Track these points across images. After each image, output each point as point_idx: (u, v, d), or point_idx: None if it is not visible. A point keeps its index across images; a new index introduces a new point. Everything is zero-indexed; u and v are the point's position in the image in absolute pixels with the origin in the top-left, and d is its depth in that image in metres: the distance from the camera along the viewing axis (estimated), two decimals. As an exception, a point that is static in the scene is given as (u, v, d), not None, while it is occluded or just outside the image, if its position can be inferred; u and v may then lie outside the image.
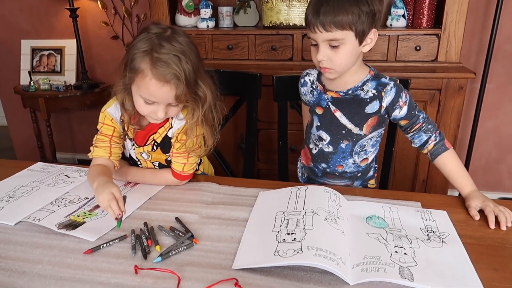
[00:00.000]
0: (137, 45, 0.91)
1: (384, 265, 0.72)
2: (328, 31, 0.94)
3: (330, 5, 0.92)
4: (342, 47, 0.96)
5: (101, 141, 1.04)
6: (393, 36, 1.87)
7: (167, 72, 0.88)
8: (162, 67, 0.88)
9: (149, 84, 0.90)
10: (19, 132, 2.95)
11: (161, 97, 0.92)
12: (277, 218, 0.86)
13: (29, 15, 2.59)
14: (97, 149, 1.04)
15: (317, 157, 1.15)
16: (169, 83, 0.90)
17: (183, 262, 0.76)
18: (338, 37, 0.94)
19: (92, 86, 2.46)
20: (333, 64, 0.98)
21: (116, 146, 1.05)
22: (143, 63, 0.89)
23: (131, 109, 1.01)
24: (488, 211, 0.89)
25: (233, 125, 1.98)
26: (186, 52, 0.91)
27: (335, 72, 1.00)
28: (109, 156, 1.03)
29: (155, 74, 0.89)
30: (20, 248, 0.81)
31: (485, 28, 2.05)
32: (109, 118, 1.04)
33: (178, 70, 0.89)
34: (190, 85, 0.92)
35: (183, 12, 2.16)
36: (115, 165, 1.04)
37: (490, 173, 2.31)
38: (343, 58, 0.97)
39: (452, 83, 1.76)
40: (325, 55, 0.97)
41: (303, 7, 1.93)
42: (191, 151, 1.03)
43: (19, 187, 1.06)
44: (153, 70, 0.89)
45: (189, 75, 0.91)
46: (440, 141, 1.04)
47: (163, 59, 0.88)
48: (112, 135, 1.04)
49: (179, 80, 0.89)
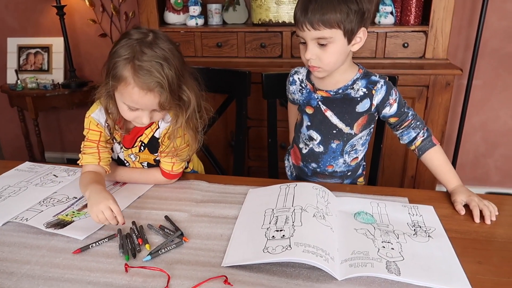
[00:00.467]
0: (119, 51, 0.89)
1: (371, 260, 0.73)
2: (316, 29, 0.94)
3: (319, 3, 0.92)
4: (331, 46, 0.96)
5: (89, 147, 1.03)
6: (381, 33, 1.88)
7: (150, 80, 0.87)
8: (144, 75, 0.87)
9: (132, 92, 0.89)
10: (7, 132, 2.92)
11: (144, 104, 0.91)
12: (266, 215, 0.86)
13: (15, 13, 2.56)
14: (85, 156, 1.03)
15: (307, 157, 1.15)
16: (152, 91, 0.88)
17: (172, 260, 0.76)
18: (326, 36, 0.95)
19: (80, 85, 2.44)
20: (321, 62, 0.98)
21: (105, 151, 1.04)
22: (125, 71, 0.88)
23: (115, 114, 0.99)
24: (473, 205, 0.90)
25: (223, 122, 1.98)
26: (169, 58, 0.90)
27: (324, 71, 1.00)
28: (99, 161, 1.02)
29: (138, 83, 0.87)
30: (7, 248, 0.80)
31: (472, 25, 2.08)
32: (94, 123, 1.03)
33: (161, 78, 0.87)
34: (173, 91, 0.91)
35: (171, 9, 2.14)
36: (106, 170, 1.03)
37: (477, 168, 2.34)
38: (332, 56, 0.97)
39: (440, 79, 1.78)
40: (314, 54, 0.97)
41: (292, 4, 1.93)
42: (179, 151, 1.02)
43: (6, 187, 1.05)
44: (136, 78, 0.87)
45: (173, 81, 0.90)
46: (427, 137, 1.05)
47: (145, 67, 0.87)
48: (99, 140, 1.03)
49: (163, 87, 0.88)
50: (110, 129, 1.03)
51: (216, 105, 1.47)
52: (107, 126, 1.03)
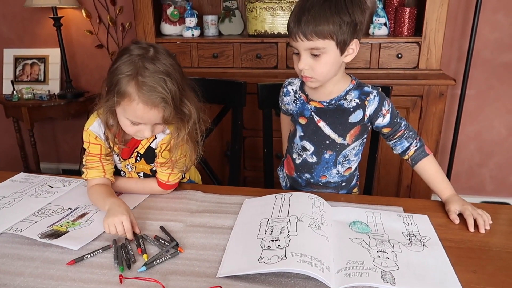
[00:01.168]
0: (121, 68, 0.90)
1: (367, 270, 0.73)
2: (309, 39, 0.95)
3: (312, 15, 0.93)
4: (323, 56, 0.97)
5: (92, 162, 1.04)
6: (375, 44, 1.91)
7: (154, 96, 0.88)
8: (149, 91, 0.88)
9: (136, 108, 0.90)
10: (2, 142, 2.90)
11: (148, 119, 0.92)
12: (262, 225, 0.86)
13: (12, 23, 2.57)
14: (90, 171, 1.04)
15: (300, 167, 1.16)
16: (157, 107, 0.90)
17: (167, 271, 0.76)
18: (319, 46, 0.96)
19: (76, 95, 2.44)
20: (314, 73, 0.99)
21: (107, 163, 1.06)
22: (129, 87, 0.89)
23: (115, 128, 1.00)
24: (467, 214, 0.91)
25: (218, 133, 1.98)
26: (171, 72, 0.91)
27: (316, 81, 1.01)
28: (104, 174, 1.04)
29: (143, 99, 0.88)
30: (1, 260, 0.80)
31: (464, 36, 2.11)
32: (93, 136, 1.03)
33: (165, 93, 0.89)
34: (176, 105, 0.92)
35: (168, 21, 2.16)
36: (111, 181, 1.06)
37: (472, 177, 2.36)
38: (324, 67, 0.98)
39: (433, 89, 1.80)
40: (307, 64, 0.98)
41: (287, 16, 1.94)
42: (176, 162, 1.03)
43: (1, 198, 1.04)
44: (140, 95, 0.88)
45: (175, 95, 0.91)
46: (420, 147, 1.06)
47: (149, 82, 0.88)
48: (100, 153, 1.04)
49: (167, 103, 0.89)
50: (109, 142, 1.03)
51: (212, 115, 1.47)
52: (106, 138, 1.03)
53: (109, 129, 1.00)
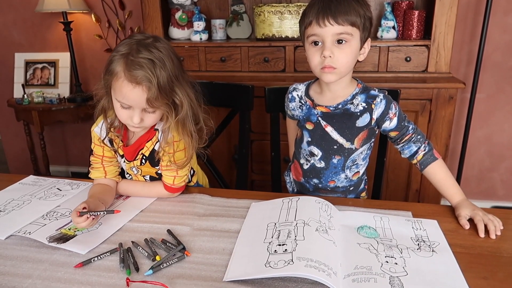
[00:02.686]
0: (118, 48, 0.94)
1: (374, 275, 0.72)
2: (339, 24, 0.95)
3: (341, 3, 0.95)
4: (348, 45, 0.97)
5: (95, 163, 1.08)
6: (383, 47, 1.90)
7: (138, 74, 0.90)
8: (135, 69, 0.90)
9: (122, 86, 0.92)
10: (12, 145, 2.94)
11: (133, 99, 0.92)
12: (269, 229, 0.86)
13: (23, 28, 2.61)
14: (93, 171, 1.08)
15: (308, 173, 1.15)
16: (140, 85, 0.90)
17: (174, 275, 0.76)
18: (349, 31, 0.96)
19: (85, 99, 2.47)
20: (338, 62, 0.97)
21: (110, 165, 1.08)
22: (118, 66, 0.92)
23: (113, 117, 1.02)
24: (478, 220, 0.89)
25: (226, 136, 1.98)
26: (163, 59, 0.93)
27: (338, 73, 0.99)
28: (105, 175, 1.07)
29: (127, 76, 0.90)
30: (10, 262, 0.80)
31: (474, 39, 2.09)
32: (97, 137, 1.06)
33: (151, 74, 0.90)
34: (164, 90, 0.93)
35: (176, 25, 2.18)
36: (115, 181, 1.08)
37: (482, 182, 2.33)
38: (348, 57, 0.97)
39: (443, 93, 1.78)
40: (332, 52, 0.97)
41: (295, 19, 1.96)
42: (179, 163, 1.03)
43: (10, 200, 1.05)
44: (126, 72, 0.90)
45: (163, 81, 0.92)
46: (429, 151, 1.05)
47: (137, 62, 0.90)
48: (102, 155, 1.07)
49: (151, 83, 0.90)
50: (111, 142, 1.05)
51: (219, 118, 1.48)
52: (109, 140, 1.05)
53: (106, 118, 1.02)
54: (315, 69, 1.01)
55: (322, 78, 1.02)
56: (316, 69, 1.01)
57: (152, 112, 0.96)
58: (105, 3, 2.44)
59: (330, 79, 1.01)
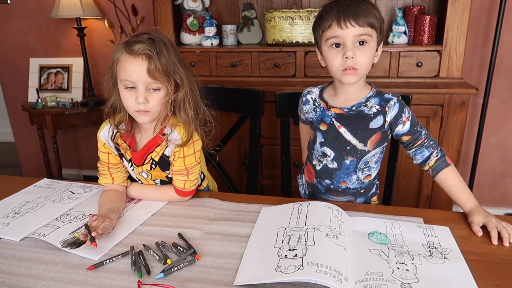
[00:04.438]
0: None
1: (385, 282, 0.72)
2: (361, 26, 0.97)
3: (359, 6, 0.98)
4: (368, 46, 0.99)
5: (102, 170, 1.10)
6: (394, 53, 1.89)
7: (137, 47, 0.94)
8: (134, 44, 0.94)
9: (123, 61, 0.96)
10: (26, 149, 2.99)
11: (135, 72, 0.95)
12: (279, 234, 0.86)
13: (38, 34, 2.66)
14: (101, 178, 1.10)
15: (321, 173, 1.15)
16: (140, 56, 0.94)
17: (185, 278, 0.76)
18: (369, 32, 0.98)
19: (98, 103, 2.50)
20: (359, 63, 0.99)
21: (116, 171, 1.09)
22: (119, 49, 0.97)
23: (122, 121, 1.05)
24: (491, 226, 0.88)
25: (236, 141, 1.99)
26: (163, 40, 0.97)
27: (359, 74, 1.01)
28: (112, 181, 1.08)
29: (128, 51, 0.95)
30: (24, 264, 0.82)
31: (486, 44, 2.07)
32: (102, 143, 1.08)
33: (150, 48, 0.94)
34: (164, 64, 0.95)
35: (187, 30, 2.20)
36: (124, 186, 1.10)
37: (495, 188, 2.29)
38: (368, 57, 1.00)
39: (454, 98, 1.77)
40: (354, 53, 0.98)
41: (305, 25, 1.96)
42: (190, 169, 1.04)
43: (25, 203, 1.07)
44: (127, 48, 0.95)
45: (163, 54, 0.95)
46: (441, 157, 1.04)
47: (136, 40, 0.95)
48: (108, 162, 1.08)
49: (151, 52, 0.94)
50: (117, 146, 1.06)
51: (230, 123, 1.49)
52: (115, 145, 1.07)
53: (112, 111, 1.05)
54: (336, 71, 1.02)
55: (343, 80, 1.02)
56: (338, 71, 1.01)
57: (155, 89, 0.97)
58: (118, 9, 2.48)
59: (352, 81, 1.02)
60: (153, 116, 1.00)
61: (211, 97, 1.09)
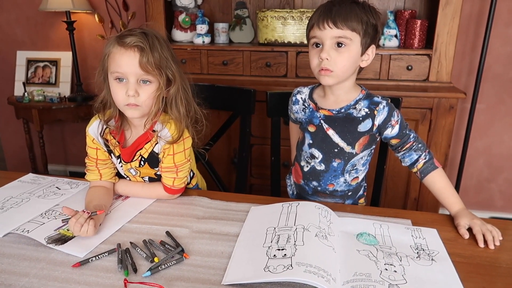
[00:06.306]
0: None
1: (373, 283, 0.72)
2: (338, 27, 0.96)
3: (343, 8, 0.97)
4: (347, 49, 0.98)
5: (90, 165, 1.08)
6: (385, 56, 1.90)
7: (129, 40, 0.93)
8: (126, 37, 0.94)
9: (114, 53, 0.94)
10: (11, 143, 2.93)
11: (126, 64, 0.93)
12: (268, 233, 0.86)
13: (26, 26, 2.61)
14: (88, 173, 1.08)
15: (308, 175, 1.15)
16: (132, 48, 0.93)
17: (172, 277, 0.75)
18: (348, 35, 0.97)
19: (86, 99, 2.46)
20: (335, 65, 0.98)
21: (104, 167, 1.07)
22: (111, 45, 0.95)
23: (112, 117, 1.03)
24: (476, 230, 0.89)
25: (226, 139, 1.98)
26: (155, 34, 0.97)
27: (335, 76, 1.00)
28: (100, 178, 1.07)
29: (119, 43, 0.94)
30: (7, 260, 0.80)
31: (475, 50, 2.10)
32: (91, 138, 1.06)
33: (142, 41, 0.93)
34: (156, 57, 0.94)
35: (179, 27, 2.18)
36: (112, 182, 1.08)
37: (481, 192, 2.33)
38: (346, 61, 0.98)
39: (443, 102, 1.79)
40: (330, 54, 0.98)
41: (298, 25, 1.96)
42: (179, 166, 1.03)
43: (9, 198, 1.05)
44: (119, 41, 0.94)
45: (155, 48, 0.94)
46: (429, 160, 1.05)
47: (128, 33, 0.95)
48: (96, 158, 1.07)
49: (143, 45, 0.93)
50: (106, 142, 1.05)
51: (220, 122, 1.48)
52: (104, 141, 1.05)
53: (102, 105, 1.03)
54: (314, 71, 1.03)
55: (319, 80, 1.04)
56: (315, 71, 1.03)
57: (146, 82, 0.96)
58: (109, 4, 2.44)
59: (327, 82, 1.02)
60: (143, 111, 0.99)
61: (202, 95, 1.08)
